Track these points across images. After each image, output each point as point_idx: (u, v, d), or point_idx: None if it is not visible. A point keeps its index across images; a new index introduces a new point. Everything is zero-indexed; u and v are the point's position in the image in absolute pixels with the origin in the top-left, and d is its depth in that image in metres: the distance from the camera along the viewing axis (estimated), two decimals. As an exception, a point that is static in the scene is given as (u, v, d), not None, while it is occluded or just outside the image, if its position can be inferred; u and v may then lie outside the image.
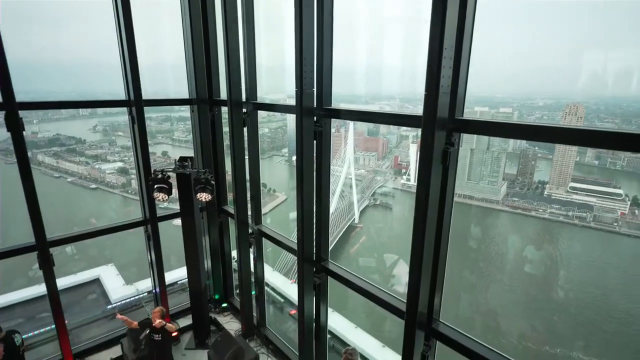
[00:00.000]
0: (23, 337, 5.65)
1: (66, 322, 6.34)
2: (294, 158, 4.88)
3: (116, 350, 6.76)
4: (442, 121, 3.44)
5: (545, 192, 16.85)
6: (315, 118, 4.94)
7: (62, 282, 6.48)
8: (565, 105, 11.52)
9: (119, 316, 5.85)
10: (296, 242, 5.44)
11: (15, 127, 5.38)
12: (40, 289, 6.43)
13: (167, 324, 5.59)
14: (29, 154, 5.74)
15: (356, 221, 45.85)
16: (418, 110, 3.78)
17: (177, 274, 9.33)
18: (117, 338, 6.96)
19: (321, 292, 5.53)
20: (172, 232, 9.60)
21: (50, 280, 6.05)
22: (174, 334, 5.58)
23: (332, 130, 5.16)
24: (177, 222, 7.22)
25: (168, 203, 8.04)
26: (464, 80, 3.52)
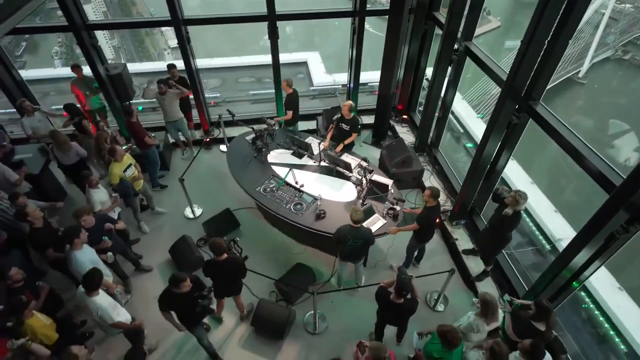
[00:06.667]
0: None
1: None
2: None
3: (312, 124, 8.25)
4: None
5: None
6: None
7: (280, 58, 7.57)
8: None
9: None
10: (508, 70, 4.62)
11: None
12: (266, 58, 7.74)
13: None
14: None
15: (580, 75, 36.18)
16: None
17: (369, 76, 9.75)
18: (313, 115, 8.37)
19: (513, 134, 4.95)
20: (370, 38, 9.47)
21: (274, 50, 7.19)
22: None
23: None
24: (374, 31, 7.01)
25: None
26: None
